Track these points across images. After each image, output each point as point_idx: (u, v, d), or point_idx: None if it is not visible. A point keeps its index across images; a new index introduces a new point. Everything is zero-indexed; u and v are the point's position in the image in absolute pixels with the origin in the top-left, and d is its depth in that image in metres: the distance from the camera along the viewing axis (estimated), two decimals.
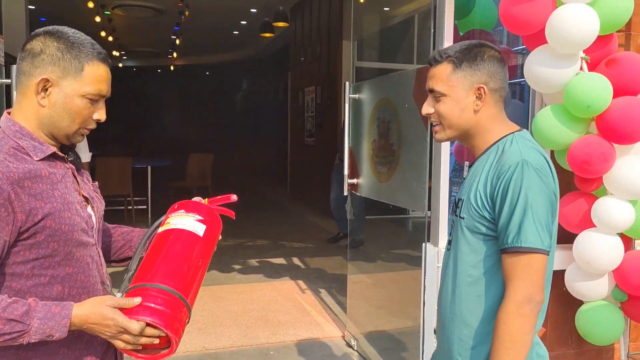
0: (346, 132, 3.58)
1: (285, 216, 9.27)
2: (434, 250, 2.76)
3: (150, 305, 1.28)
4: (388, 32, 3.93)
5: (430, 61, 1.61)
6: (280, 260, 6.19)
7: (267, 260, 6.17)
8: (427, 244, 2.83)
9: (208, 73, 18.33)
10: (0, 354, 1.31)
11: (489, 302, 1.52)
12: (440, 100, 1.57)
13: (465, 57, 1.55)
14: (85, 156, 4.73)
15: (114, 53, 13.62)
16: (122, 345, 1.28)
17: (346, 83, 3.61)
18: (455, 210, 1.63)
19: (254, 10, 10.29)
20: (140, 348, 1.30)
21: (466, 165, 2.31)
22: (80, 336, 1.37)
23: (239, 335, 3.96)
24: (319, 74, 9.46)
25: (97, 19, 9.65)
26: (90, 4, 8.47)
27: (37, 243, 1.30)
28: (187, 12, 9.41)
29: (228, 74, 17.55)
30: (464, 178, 1.70)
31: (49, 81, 1.33)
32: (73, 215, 1.36)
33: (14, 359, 1.32)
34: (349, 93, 3.58)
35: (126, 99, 16.92)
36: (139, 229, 1.73)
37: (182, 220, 1.47)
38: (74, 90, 1.34)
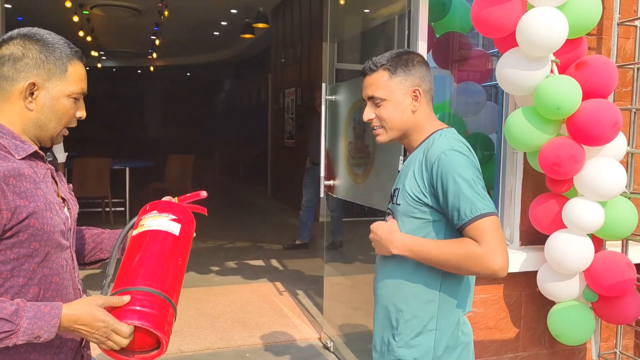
0: (323, 134, 3.58)
1: (265, 217, 9.24)
2: None
3: (137, 308, 1.28)
4: (368, 34, 3.93)
5: (365, 71, 1.75)
6: (259, 262, 6.16)
7: (246, 262, 6.14)
8: None
9: (189, 74, 18.22)
10: None
11: (415, 282, 1.67)
12: (381, 105, 1.71)
13: (399, 64, 1.70)
14: (60, 156, 4.65)
15: (92, 53, 13.40)
16: (109, 346, 1.27)
17: (323, 84, 3.61)
18: (392, 199, 1.75)
19: (234, 11, 10.25)
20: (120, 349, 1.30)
21: (400, 160, 2.53)
22: (51, 341, 1.33)
23: (215, 337, 3.93)
24: (300, 76, 9.46)
25: (75, 19, 9.51)
26: (68, 3, 8.33)
27: (19, 242, 1.28)
28: (167, 12, 9.33)
29: (209, 75, 17.48)
30: (399, 170, 1.84)
31: (35, 85, 1.34)
32: (54, 215, 1.35)
33: None
34: (326, 94, 3.58)
35: (106, 99, 16.75)
36: (109, 230, 1.71)
37: (156, 221, 1.47)
38: (60, 92, 1.36)
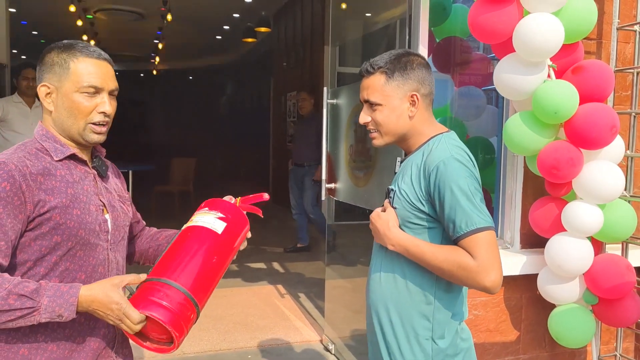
0: (324, 137, 3.61)
1: (266, 221, 9.20)
2: None
3: (154, 299, 1.32)
4: (369, 38, 3.95)
5: (362, 73, 1.68)
6: (261, 265, 6.18)
7: (247, 264, 6.15)
8: None
9: (191, 78, 18.25)
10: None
11: (411, 284, 1.63)
12: (377, 109, 1.64)
13: (396, 67, 1.62)
14: None
15: None
16: (123, 329, 1.33)
17: (324, 88, 3.65)
18: (387, 196, 1.71)
19: (236, 15, 10.28)
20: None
21: (398, 161, 2.53)
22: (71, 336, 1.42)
23: (217, 339, 3.96)
24: (302, 80, 9.49)
25: (79, 23, 9.56)
26: (72, 8, 8.39)
27: (42, 234, 1.37)
28: (170, 17, 9.37)
29: (211, 79, 17.48)
30: (395, 172, 1.80)
31: (48, 87, 1.44)
32: (83, 214, 1.42)
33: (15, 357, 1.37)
34: (327, 98, 3.61)
35: None
36: (170, 231, 1.78)
37: (203, 217, 1.51)
38: (68, 89, 1.44)
